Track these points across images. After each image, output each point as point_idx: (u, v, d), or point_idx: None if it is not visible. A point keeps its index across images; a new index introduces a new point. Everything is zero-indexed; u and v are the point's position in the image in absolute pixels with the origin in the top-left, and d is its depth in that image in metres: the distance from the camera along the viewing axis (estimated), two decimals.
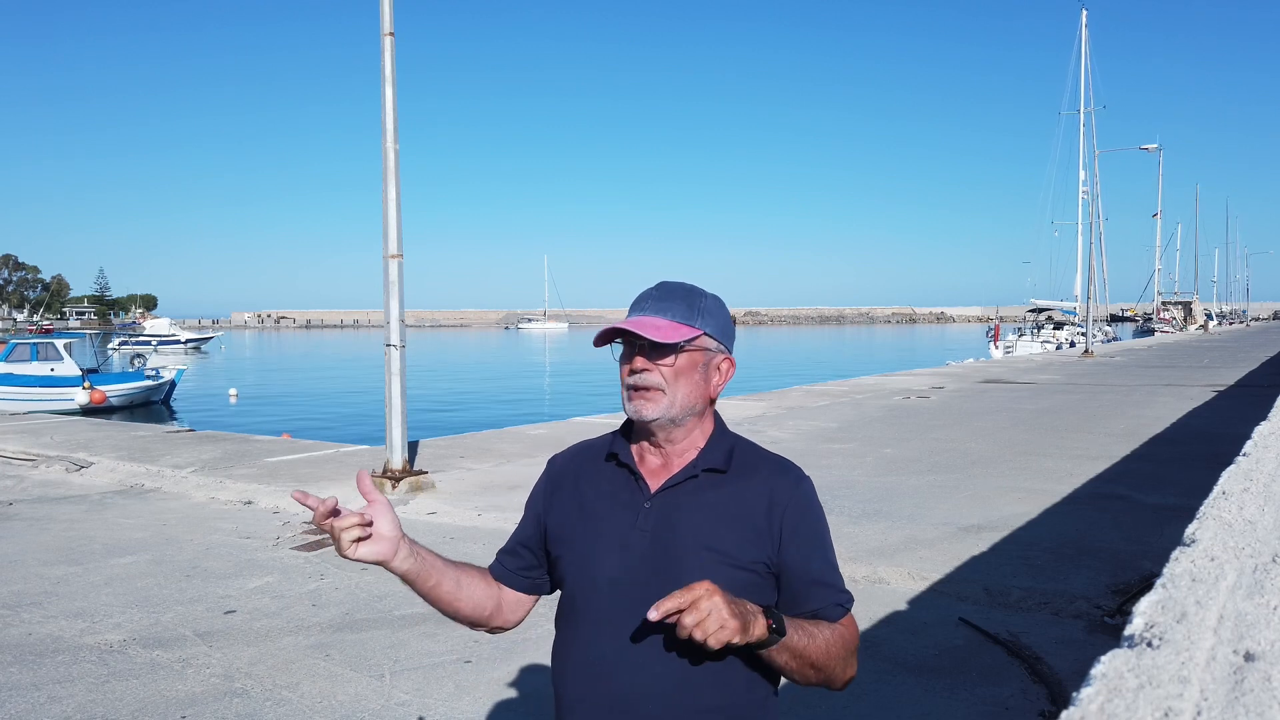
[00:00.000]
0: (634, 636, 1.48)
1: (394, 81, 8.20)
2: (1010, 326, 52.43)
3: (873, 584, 5.33)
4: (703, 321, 1.54)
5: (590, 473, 1.63)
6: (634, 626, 1.48)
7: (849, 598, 1.56)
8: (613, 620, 1.50)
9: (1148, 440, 10.72)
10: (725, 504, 1.52)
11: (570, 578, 1.59)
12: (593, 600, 1.54)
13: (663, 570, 1.48)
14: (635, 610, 1.46)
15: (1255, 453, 2.02)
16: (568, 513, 1.62)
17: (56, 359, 23.72)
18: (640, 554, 1.50)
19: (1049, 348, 41.63)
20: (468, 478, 8.62)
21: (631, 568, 1.50)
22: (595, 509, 1.58)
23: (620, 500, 1.56)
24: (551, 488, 1.67)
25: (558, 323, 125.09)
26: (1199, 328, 65.66)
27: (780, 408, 14.46)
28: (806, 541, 1.53)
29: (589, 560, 1.55)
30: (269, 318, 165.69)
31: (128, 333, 63.77)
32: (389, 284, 8.27)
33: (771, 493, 1.53)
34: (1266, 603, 1.00)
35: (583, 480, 1.63)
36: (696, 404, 1.54)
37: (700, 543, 1.49)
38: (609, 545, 1.53)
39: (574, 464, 1.67)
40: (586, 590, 1.55)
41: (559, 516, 1.63)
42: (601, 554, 1.54)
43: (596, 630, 1.52)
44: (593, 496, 1.60)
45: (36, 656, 4.35)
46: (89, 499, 8.13)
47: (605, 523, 1.56)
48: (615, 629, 1.50)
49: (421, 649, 4.43)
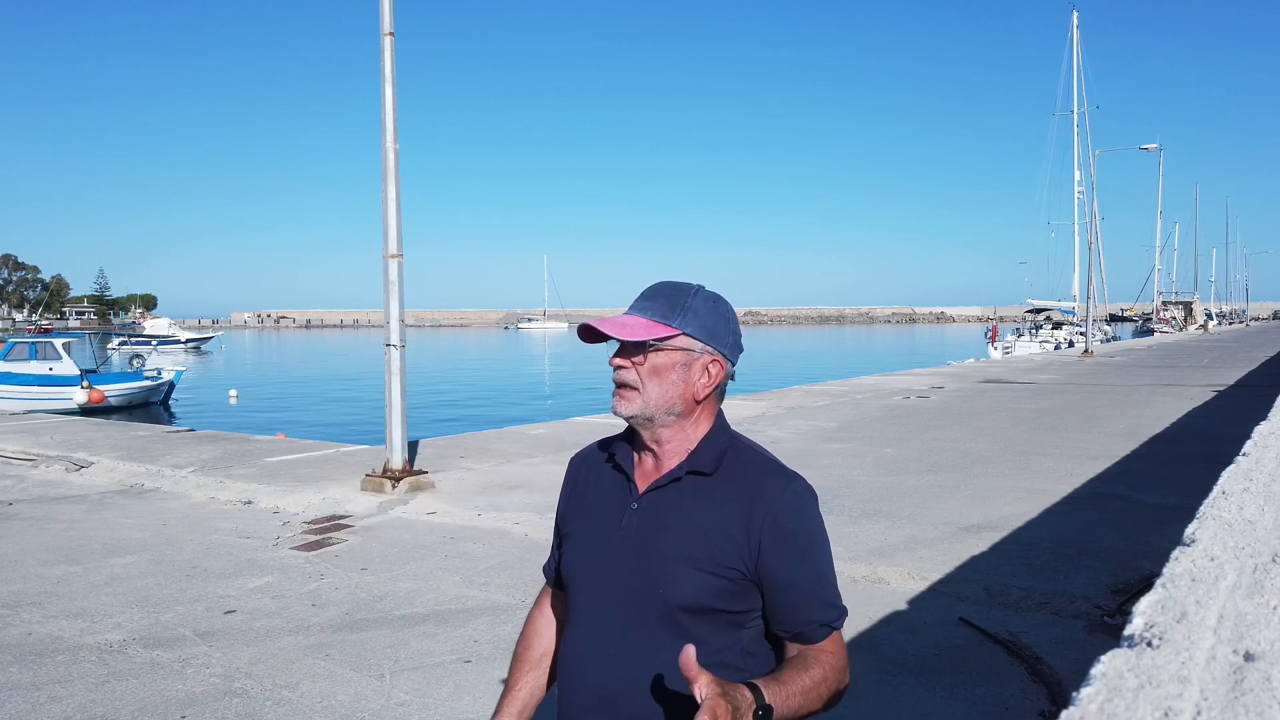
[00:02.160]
0: (615, 634, 1.50)
1: (394, 81, 8.20)
2: (1009, 327, 52.46)
3: (873, 584, 5.33)
4: (683, 321, 1.50)
5: (595, 471, 1.65)
6: (617, 624, 1.50)
7: (839, 615, 1.50)
8: (599, 617, 1.53)
9: (1148, 440, 10.73)
10: (706, 508, 1.48)
11: (566, 572, 1.62)
12: (579, 597, 1.58)
13: (641, 573, 1.49)
14: (617, 609, 1.50)
15: (1255, 453, 2.02)
16: (573, 510, 1.66)
17: (55, 358, 23.71)
18: (623, 556, 1.51)
19: (1047, 348, 41.64)
20: (468, 477, 8.62)
21: (613, 569, 1.52)
22: (591, 507, 1.61)
23: (612, 501, 1.58)
24: (567, 485, 1.71)
25: (557, 323, 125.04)
26: (1199, 328, 65.67)
27: (780, 408, 14.46)
28: (792, 549, 1.47)
29: (580, 558, 1.59)
30: (269, 318, 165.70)
31: (127, 333, 63.74)
32: (389, 284, 8.27)
33: (756, 497, 1.47)
34: (1266, 602, 1.00)
35: (590, 478, 1.65)
36: (675, 404, 1.50)
37: (678, 548, 1.46)
38: (597, 544, 1.56)
39: (585, 462, 1.70)
40: (576, 587, 1.59)
41: (567, 514, 1.67)
42: (590, 552, 1.57)
43: (584, 626, 1.55)
44: (593, 496, 1.62)
45: (36, 656, 4.35)
46: (89, 499, 8.13)
47: (597, 522, 1.58)
48: (601, 626, 1.52)
49: (421, 649, 4.43)
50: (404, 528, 6.87)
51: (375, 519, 7.16)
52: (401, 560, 5.98)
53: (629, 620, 1.49)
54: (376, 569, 5.79)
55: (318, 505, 7.62)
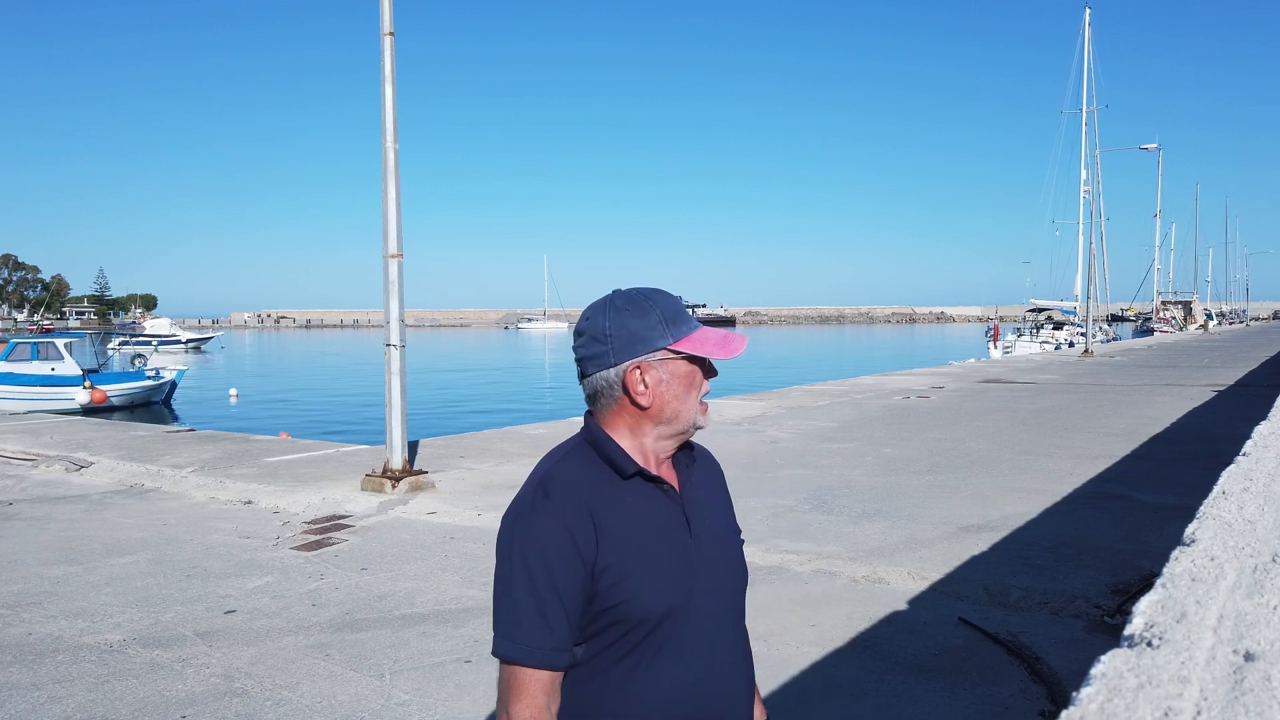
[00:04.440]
0: (727, 646, 1.55)
1: (394, 81, 8.20)
2: (1010, 326, 52.43)
3: (873, 584, 5.33)
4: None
5: (613, 500, 1.47)
6: (719, 639, 1.53)
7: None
8: (699, 640, 1.48)
9: (1148, 440, 10.72)
10: (718, 481, 1.68)
11: (648, 614, 1.44)
12: (678, 628, 1.46)
13: (725, 568, 1.58)
14: (716, 621, 1.53)
15: (1255, 453, 2.02)
16: (619, 552, 1.44)
17: (57, 359, 23.72)
18: (707, 563, 1.53)
19: (1048, 348, 41.64)
20: (468, 478, 8.62)
21: (704, 580, 1.51)
22: (642, 535, 1.47)
23: (659, 516, 1.50)
24: (583, 534, 1.43)
25: (557, 323, 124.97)
26: (1199, 328, 65.67)
27: (780, 407, 14.46)
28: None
29: (665, 589, 1.45)
30: (269, 318, 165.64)
31: (128, 333, 63.72)
32: (389, 284, 8.27)
33: (717, 466, 1.71)
34: (1266, 602, 1.00)
35: (610, 512, 1.46)
36: None
37: (730, 524, 1.64)
38: (673, 566, 1.47)
39: (583, 501, 1.45)
40: (670, 619, 1.45)
41: (610, 559, 1.43)
42: (674, 577, 1.47)
43: (681, 659, 1.46)
44: (628, 525, 1.46)
45: (36, 656, 4.35)
46: (89, 499, 8.13)
47: (663, 547, 1.48)
48: (704, 650, 1.49)
49: (421, 649, 4.43)
50: (404, 528, 6.87)
51: (375, 519, 7.16)
52: (401, 560, 5.98)
53: (728, 624, 1.54)
54: (376, 569, 5.79)
55: (318, 505, 7.62)
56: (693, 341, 1.49)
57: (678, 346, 1.48)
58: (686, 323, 1.51)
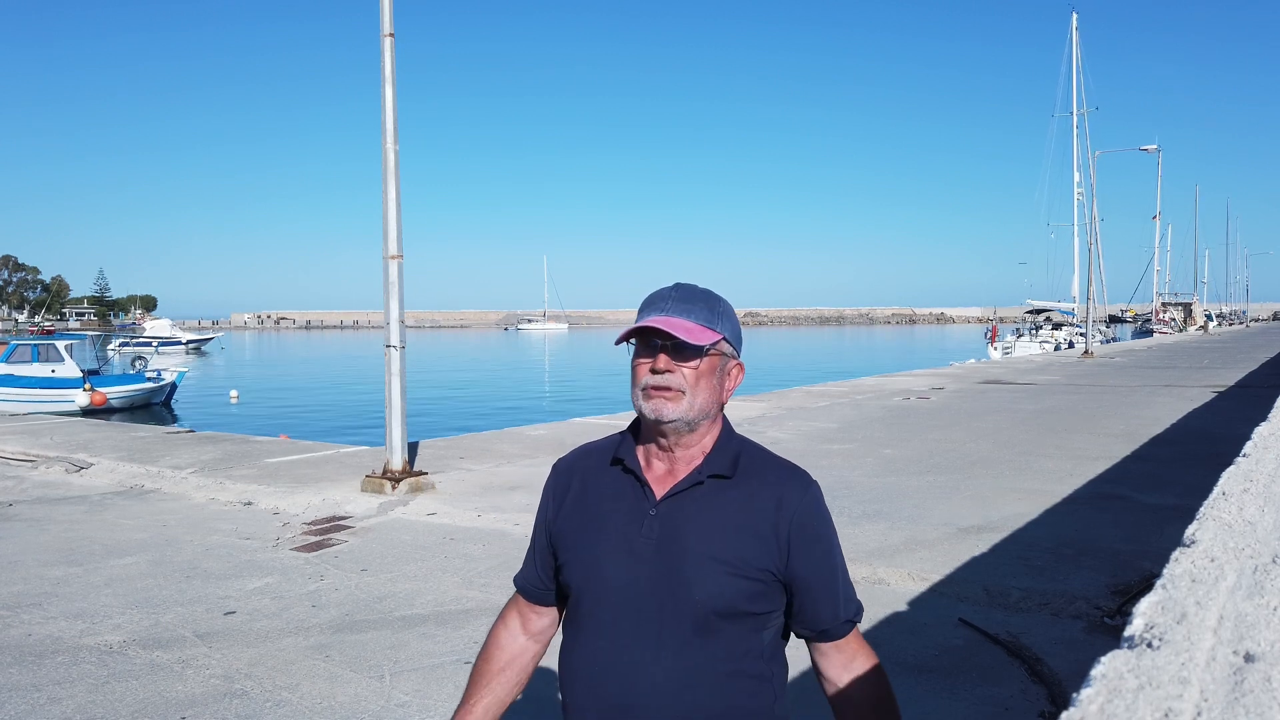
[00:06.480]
0: (637, 644, 1.47)
1: (394, 81, 8.21)
2: (1009, 327, 52.44)
3: (873, 584, 5.32)
4: (722, 325, 1.52)
5: (595, 476, 1.60)
6: (637, 634, 1.48)
7: (858, 609, 1.57)
8: (617, 627, 1.49)
9: (1148, 441, 10.72)
10: (732, 512, 1.50)
11: (576, 584, 1.56)
12: (597, 607, 1.53)
13: (669, 579, 1.47)
14: (639, 618, 1.48)
15: (1255, 453, 2.02)
16: (572, 520, 1.59)
17: (58, 360, 23.72)
18: (647, 563, 1.49)
19: (1047, 348, 41.65)
20: (468, 478, 8.62)
21: (637, 576, 1.49)
22: (600, 514, 1.55)
23: (625, 507, 1.54)
24: (555, 494, 1.64)
25: (557, 323, 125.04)
26: (1199, 329, 65.67)
27: (780, 408, 14.46)
28: (818, 550, 1.52)
29: (594, 566, 1.53)
30: (269, 318, 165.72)
31: (128, 334, 63.72)
32: (389, 285, 8.27)
33: (779, 500, 1.50)
34: (1266, 603, 1.00)
35: (588, 484, 1.60)
36: (711, 409, 1.52)
37: (707, 552, 1.47)
38: (614, 552, 1.51)
39: (578, 467, 1.64)
40: (592, 597, 1.53)
41: (564, 522, 1.60)
42: (607, 561, 1.52)
43: (600, 637, 1.51)
44: (596, 500, 1.57)
45: (36, 657, 4.35)
46: (89, 500, 8.12)
47: (610, 529, 1.53)
48: (619, 636, 1.49)
49: (421, 649, 4.43)
50: (404, 529, 6.87)
51: (375, 520, 7.16)
52: (401, 561, 5.98)
53: (654, 629, 1.47)
54: (376, 570, 5.78)
55: (318, 506, 7.62)
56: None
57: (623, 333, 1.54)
58: (643, 312, 1.54)
